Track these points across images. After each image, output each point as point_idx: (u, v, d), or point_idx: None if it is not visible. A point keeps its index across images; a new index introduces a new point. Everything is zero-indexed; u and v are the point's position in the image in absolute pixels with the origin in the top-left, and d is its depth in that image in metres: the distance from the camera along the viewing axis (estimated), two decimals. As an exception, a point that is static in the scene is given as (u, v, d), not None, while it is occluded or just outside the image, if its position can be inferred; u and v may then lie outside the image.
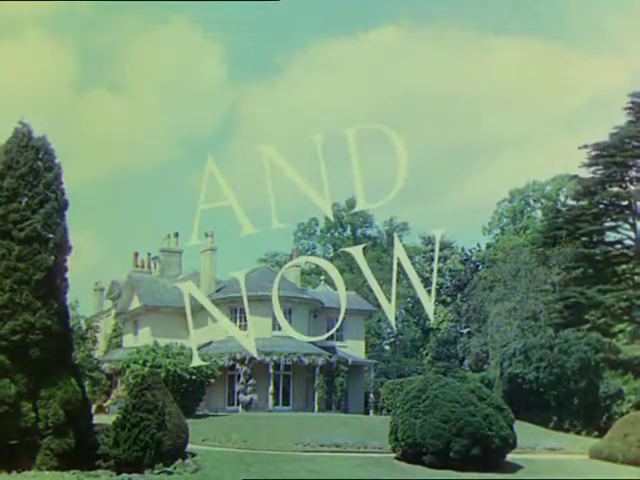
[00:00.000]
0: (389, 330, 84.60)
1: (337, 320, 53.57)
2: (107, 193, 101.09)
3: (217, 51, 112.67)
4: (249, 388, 44.83)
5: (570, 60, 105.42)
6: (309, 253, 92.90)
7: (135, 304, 53.23)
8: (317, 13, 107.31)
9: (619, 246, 52.69)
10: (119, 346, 55.61)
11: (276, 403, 45.82)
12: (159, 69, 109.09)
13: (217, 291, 50.37)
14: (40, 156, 26.38)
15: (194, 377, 38.97)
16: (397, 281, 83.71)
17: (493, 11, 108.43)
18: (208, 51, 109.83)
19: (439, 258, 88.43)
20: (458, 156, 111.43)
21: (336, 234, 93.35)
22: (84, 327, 47.95)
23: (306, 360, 45.90)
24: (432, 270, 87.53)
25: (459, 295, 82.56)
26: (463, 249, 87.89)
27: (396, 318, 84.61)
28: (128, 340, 54.09)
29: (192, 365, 38.83)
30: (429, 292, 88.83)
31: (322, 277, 66.64)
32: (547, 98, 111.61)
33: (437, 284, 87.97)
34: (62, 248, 26.10)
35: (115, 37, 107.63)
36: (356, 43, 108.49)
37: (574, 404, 41.61)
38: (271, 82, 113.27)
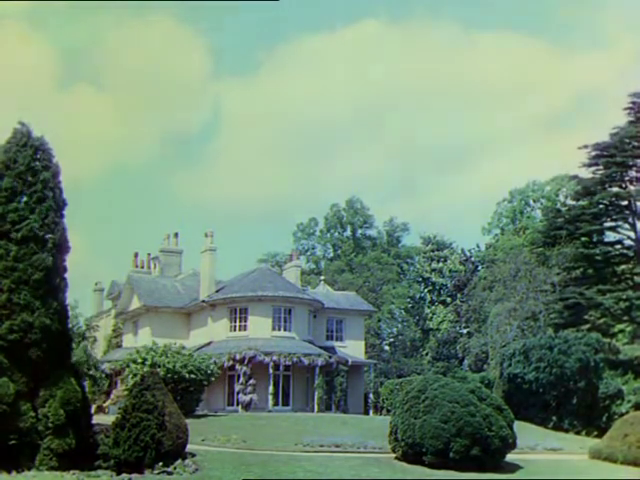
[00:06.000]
0: (389, 330, 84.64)
1: (337, 320, 53.81)
2: (93, 190, 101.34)
3: (200, 47, 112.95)
4: (249, 388, 44.80)
5: (557, 56, 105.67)
6: (309, 253, 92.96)
7: (135, 304, 53.25)
8: (298, 8, 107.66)
9: (619, 246, 52.62)
10: (119, 346, 55.64)
11: (276, 403, 45.81)
12: (142, 64, 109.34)
13: (217, 291, 50.37)
14: (38, 155, 26.34)
15: (194, 377, 38.96)
16: (397, 281, 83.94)
17: (477, 6, 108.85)
18: (191, 46, 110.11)
19: (439, 258, 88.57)
20: (451, 155, 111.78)
21: (336, 234, 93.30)
22: (83, 327, 47.93)
23: (306, 360, 45.88)
24: (432, 270, 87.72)
25: (459, 295, 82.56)
26: (463, 250, 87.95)
27: (396, 318, 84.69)
28: (128, 340, 54.12)
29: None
30: (429, 292, 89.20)
31: (322, 277, 66.67)
32: (535, 94, 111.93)
33: (437, 284, 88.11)
34: (61, 248, 26.05)
35: (97, 32, 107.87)
36: (336, 38, 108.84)
37: (574, 404, 41.60)
38: (253, 77, 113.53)
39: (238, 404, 45.02)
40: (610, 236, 53.37)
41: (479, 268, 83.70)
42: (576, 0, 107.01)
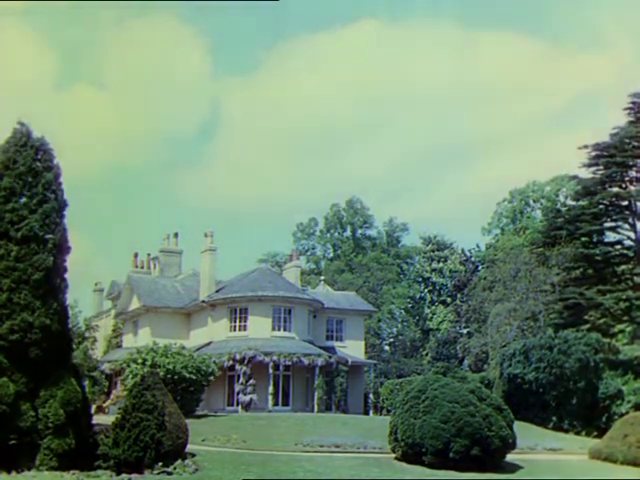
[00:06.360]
0: (389, 330, 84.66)
1: (337, 320, 53.83)
2: (93, 190, 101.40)
3: (200, 46, 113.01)
4: (249, 388, 44.81)
5: (557, 56, 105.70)
6: (309, 253, 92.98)
7: (135, 304, 53.25)
8: (298, 8, 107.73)
9: (619, 246, 52.60)
10: (119, 346, 55.64)
11: (276, 403, 45.81)
12: (141, 64, 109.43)
13: (217, 291, 50.37)
14: (39, 156, 26.29)
15: (194, 377, 38.96)
16: (397, 281, 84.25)
17: (477, 6, 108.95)
18: (191, 46, 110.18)
19: (439, 258, 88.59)
20: (451, 154, 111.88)
21: (336, 234, 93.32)
22: (83, 327, 47.98)
23: (306, 360, 45.88)
24: (432, 270, 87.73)
25: (459, 295, 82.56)
26: (463, 250, 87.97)
27: (396, 318, 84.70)
28: (128, 340, 54.13)
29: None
30: (429, 292, 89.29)
31: (322, 277, 66.68)
32: (535, 94, 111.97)
33: (437, 284, 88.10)
34: (61, 248, 26.02)
35: (98, 32, 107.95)
36: (336, 37, 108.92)
37: (573, 404, 41.59)
38: (252, 77, 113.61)
39: (238, 404, 45.03)
40: (610, 236, 53.38)
41: (479, 268, 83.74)
42: (576, 0, 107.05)
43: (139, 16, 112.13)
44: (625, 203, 51.84)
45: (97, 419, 29.80)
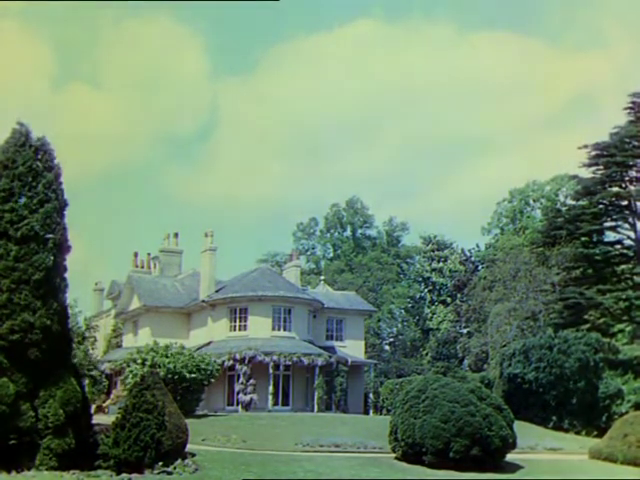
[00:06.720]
0: (389, 330, 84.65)
1: (337, 320, 53.84)
2: (93, 190, 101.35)
3: (197, 46, 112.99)
4: (249, 388, 44.81)
5: (553, 56, 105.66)
6: (309, 253, 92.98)
7: (135, 304, 53.25)
8: (296, 8, 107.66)
9: (619, 246, 52.67)
10: (119, 346, 55.64)
11: (276, 403, 45.81)
12: (139, 63, 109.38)
13: (217, 291, 50.38)
14: (39, 156, 26.27)
15: (194, 376, 38.97)
16: (397, 281, 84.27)
17: (476, 6, 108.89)
18: (189, 45, 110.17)
19: (439, 258, 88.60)
20: (451, 155, 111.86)
21: (336, 234, 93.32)
22: (83, 327, 47.94)
23: (306, 360, 45.89)
24: (432, 270, 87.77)
25: (459, 295, 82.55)
26: (463, 250, 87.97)
27: (396, 318, 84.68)
28: (128, 340, 54.13)
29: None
30: (429, 292, 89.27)
31: (322, 277, 66.67)
32: (535, 94, 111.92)
33: (437, 284, 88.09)
34: (61, 248, 26.00)
35: (95, 31, 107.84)
36: (334, 37, 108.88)
37: (573, 404, 41.62)
38: (252, 77, 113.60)
39: (238, 404, 45.03)
40: (610, 236, 53.48)
41: (479, 268, 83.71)
42: (576, 0, 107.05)
43: (137, 16, 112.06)
44: (625, 203, 51.90)
45: (97, 419, 29.81)
